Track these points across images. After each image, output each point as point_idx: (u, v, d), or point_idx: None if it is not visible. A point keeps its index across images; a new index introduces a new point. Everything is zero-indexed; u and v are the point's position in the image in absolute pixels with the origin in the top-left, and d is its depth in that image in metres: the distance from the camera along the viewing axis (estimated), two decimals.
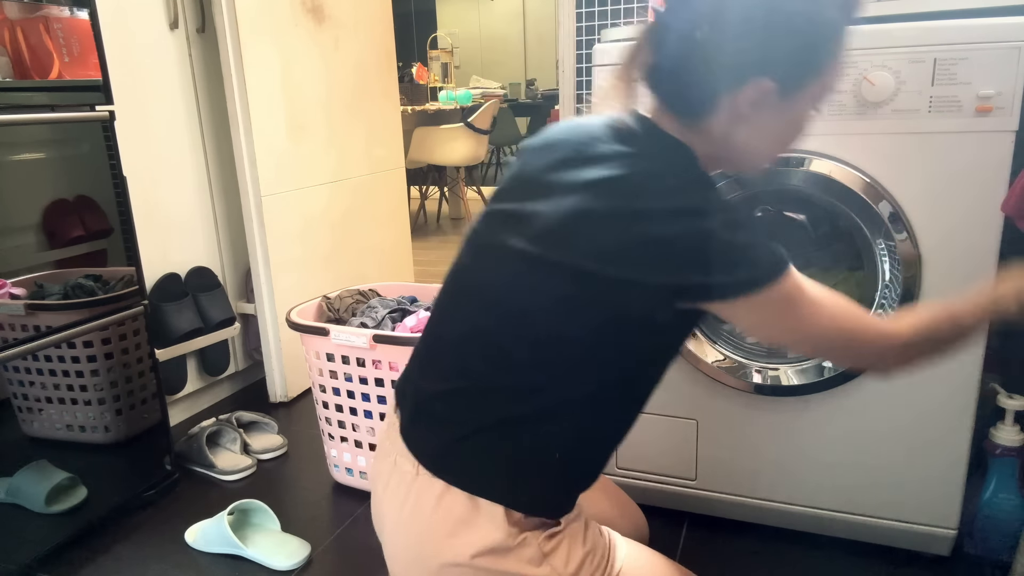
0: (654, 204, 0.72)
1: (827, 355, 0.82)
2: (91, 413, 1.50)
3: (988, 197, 1.09)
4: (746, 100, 0.74)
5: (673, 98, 0.79)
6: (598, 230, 0.73)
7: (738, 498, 1.39)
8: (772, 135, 0.80)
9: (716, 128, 0.77)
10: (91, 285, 1.47)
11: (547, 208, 0.77)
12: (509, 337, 0.79)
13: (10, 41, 1.31)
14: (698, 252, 0.70)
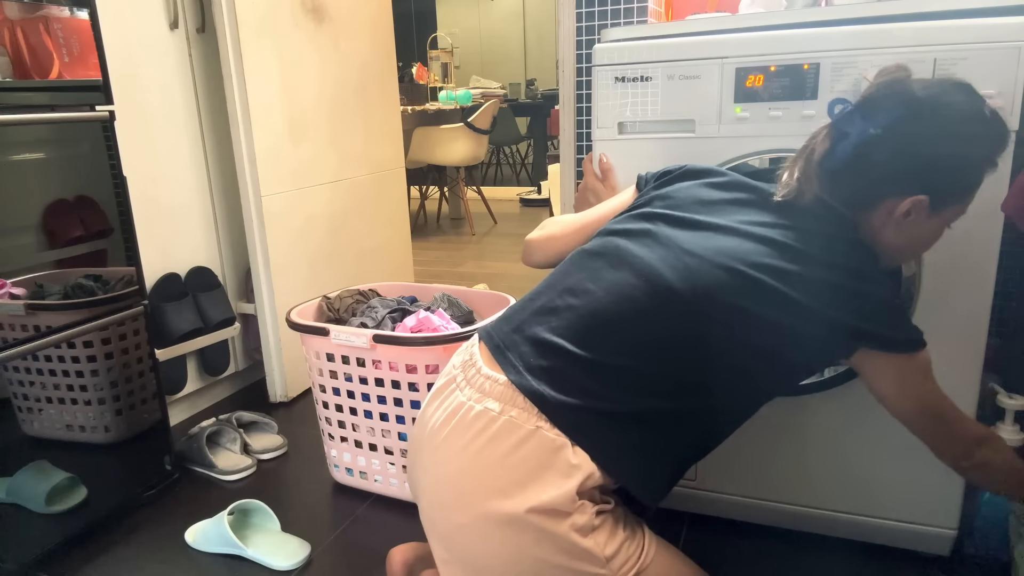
0: (848, 262, 0.88)
1: (931, 432, 0.95)
2: (91, 413, 1.50)
3: (988, 197, 1.09)
4: (903, 209, 0.89)
5: (839, 192, 0.92)
6: (809, 267, 0.87)
7: (738, 498, 1.39)
8: (914, 241, 0.95)
9: (869, 224, 0.92)
10: (91, 285, 1.47)
11: (744, 231, 0.90)
12: (677, 335, 0.88)
13: (10, 41, 1.31)
14: (882, 306, 0.88)
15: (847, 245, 0.90)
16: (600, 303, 0.90)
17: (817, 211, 0.92)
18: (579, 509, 0.84)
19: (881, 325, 0.87)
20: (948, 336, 1.17)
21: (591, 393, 0.86)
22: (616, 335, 0.88)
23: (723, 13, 1.43)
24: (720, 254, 0.88)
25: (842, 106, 0.96)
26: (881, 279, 0.89)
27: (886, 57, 1.09)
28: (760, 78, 1.17)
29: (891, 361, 0.89)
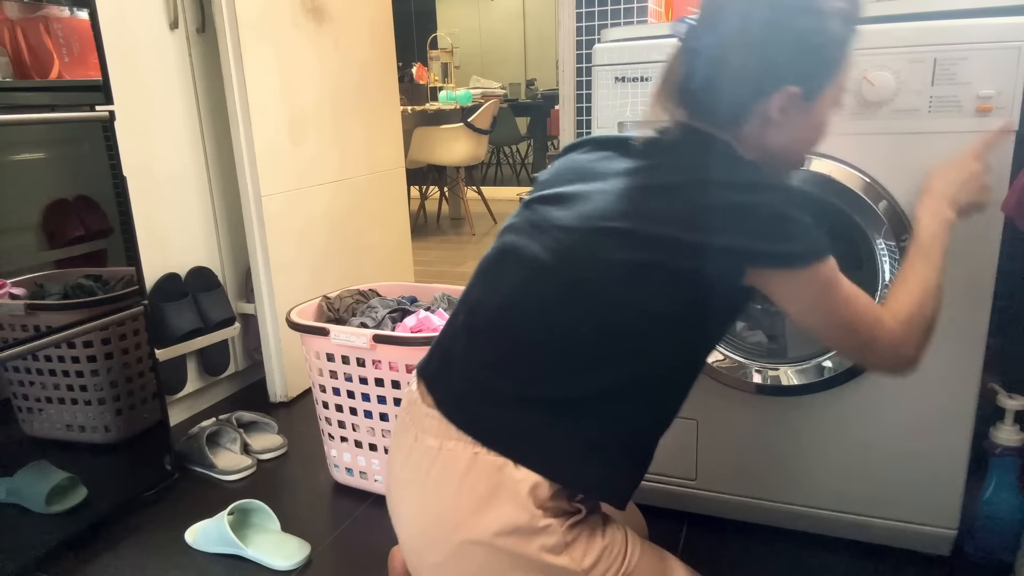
0: (730, 176, 0.81)
1: (851, 345, 0.86)
2: (91, 413, 1.50)
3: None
4: (776, 106, 0.83)
5: (708, 112, 0.87)
6: (672, 199, 0.81)
7: (738, 498, 1.39)
8: (801, 136, 0.89)
9: (750, 135, 0.86)
10: (91, 285, 1.47)
11: (609, 187, 0.85)
12: (576, 311, 0.82)
13: (10, 41, 1.31)
14: (770, 220, 0.79)
15: (720, 163, 0.84)
16: (504, 309, 0.87)
17: (686, 140, 0.88)
18: (547, 529, 0.81)
19: (767, 239, 0.79)
20: (948, 336, 1.17)
21: (518, 402, 0.83)
22: (526, 336, 0.84)
23: None
24: (586, 218, 0.84)
25: (686, 25, 0.89)
26: (768, 186, 0.81)
27: (886, 57, 1.09)
28: None
29: (786, 277, 0.81)
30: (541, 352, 0.83)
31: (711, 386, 1.33)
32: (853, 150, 1.15)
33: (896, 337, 0.86)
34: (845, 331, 0.84)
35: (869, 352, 0.87)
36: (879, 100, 1.11)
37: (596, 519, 0.88)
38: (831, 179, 1.16)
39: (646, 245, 0.80)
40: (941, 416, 1.20)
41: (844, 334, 0.85)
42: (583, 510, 0.86)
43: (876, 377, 1.22)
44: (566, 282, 0.83)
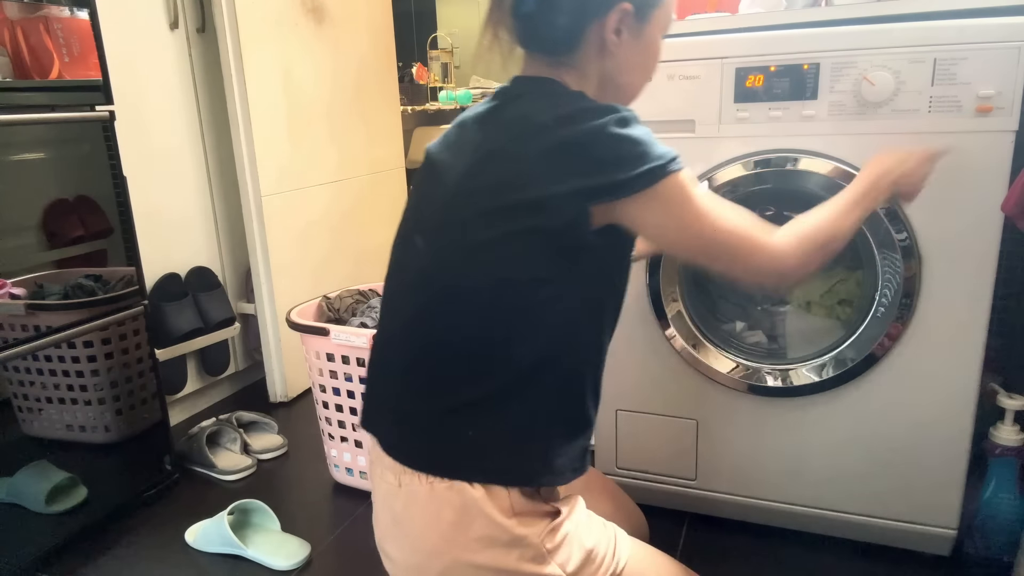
0: (551, 114, 0.76)
1: (725, 262, 0.81)
2: (91, 413, 1.50)
3: (988, 197, 1.09)
4: (610, 27, 0.80)
5: (540, 39, 0.83)
6: (503, 161, 0.77)
7: (738, 498, 1.39)
8: (635, 63, 0.86)
9: (585, 62, 0.83)
10: (91, 285, 1.47)
11: (452, 169, 0.82)
12: (459, 307, 0.80)
13: (10, 41, 1.31)
14: (596, 148, 0.74)
15: (543, 105, 0.79)
16: (401, 321, 0.86)
17: (513, 91, 0.84)
18: (525, 540, 0.79)
19: (600, 170, 0.74)
20: (948, 336, 1.17)
21: (443, 416, 0.81)
22: (421, 348, 0.83)
23: (723, 13, 1.43)
24: (430, 203, 0.83)
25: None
26: (592, 111, 0.75)
27: (886, 57, 1.10)
28: (760, 78, 1.17)
29: (635, 204, 0.75)
30: (441, 359, 0.81)
31: (711, 386, 1.33)
32: (853, 150, 1.15)
33: (782, 253, 0.82)
34: (715, 246, 0.80)
35: (742, 264, 0.81)
36: (879, 100, 1.11)
37: (579, 520, 0.87)
38: (831, 179, 1.16)
39: (496, 219, 0.76)
40: (941, 416, 1.20)
41: (714, 249, 0.80)
42: (560, 510, 0.84)
43: (876, 377, 1.22)
44: (442, 284, 0.81)
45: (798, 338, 1.37)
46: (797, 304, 1.44)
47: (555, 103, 0.79)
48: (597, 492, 1.12)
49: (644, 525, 1.16)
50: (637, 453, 1.45)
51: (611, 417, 1.44)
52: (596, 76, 0.84)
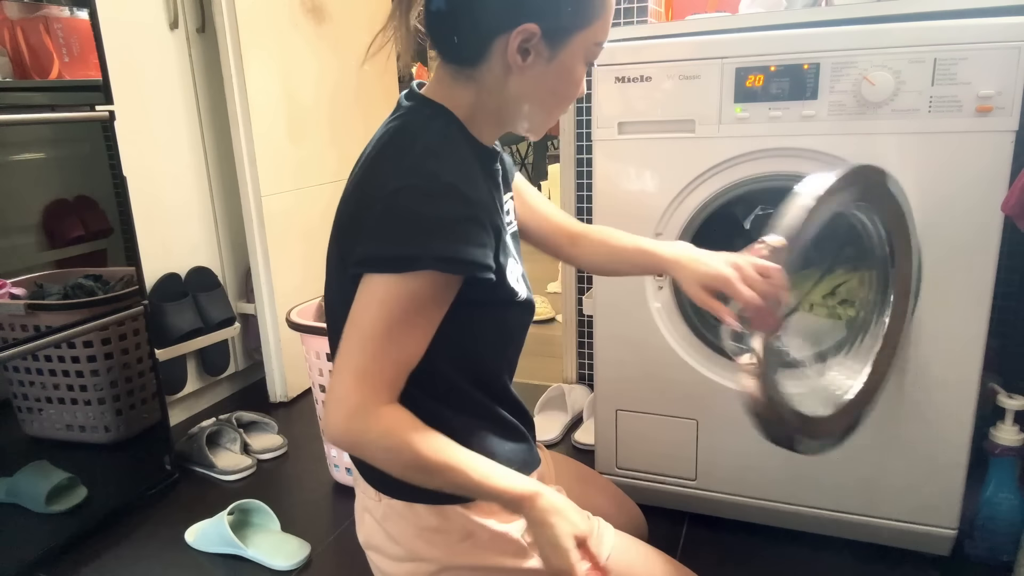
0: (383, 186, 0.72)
1: (337, 366, 0.72)
2: (91, 413, 1.50)
3: (988, 197, 1.09)
4: (514, 46, 0.74)
5: (447, 44, 0.78)
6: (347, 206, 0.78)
7: (738, 498, 1.39)
8: (545, 88, 0.79)
9: (490, 78, 0.77)
10: (91, 285, 1.47)
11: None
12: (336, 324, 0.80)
13: (10, 41, 1.31)
14: (371, 219, 0.71)
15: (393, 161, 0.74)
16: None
17: (396, 119, 0.80)
18: (505, 536, 0.81)
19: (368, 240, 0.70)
20: (948, 336, 1.17)
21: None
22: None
23: (723, 13, 1.43)
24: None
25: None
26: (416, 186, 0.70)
27: (886, 57, 1.09)
28: (760, 78, 1.17)
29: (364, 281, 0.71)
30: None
31: (711, 386, 1.33)
32: (853, 150, 1.15)
33: (352, 407, 0.70)
34: (352, 349, 0.71)
35: (338, 384, 0.71)
36: (879, 100, 1.11)
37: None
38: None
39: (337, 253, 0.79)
40: (941, 416, 1.20)
41: (349, 351, 0.71)
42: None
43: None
44: (329, 298, 0.84)
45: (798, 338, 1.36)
46: (798, 305, 1.44)
47: (398, 160, 0.73)
48: (596, 491, 1.12)
49: (643, 525, 1.16)
50: (637, 453, 1.45)
51: (611, 417, 1.44)
52: (501, 96, 0.78)
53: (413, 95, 0.82)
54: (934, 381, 1.19)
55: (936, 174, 1.11)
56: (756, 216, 1.57)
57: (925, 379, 1.20)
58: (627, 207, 1.31)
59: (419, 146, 0.74)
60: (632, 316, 1.35)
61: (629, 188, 1.30)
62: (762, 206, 1.55)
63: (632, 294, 1.34)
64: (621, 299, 1.36)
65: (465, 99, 0.79)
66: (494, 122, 0.82)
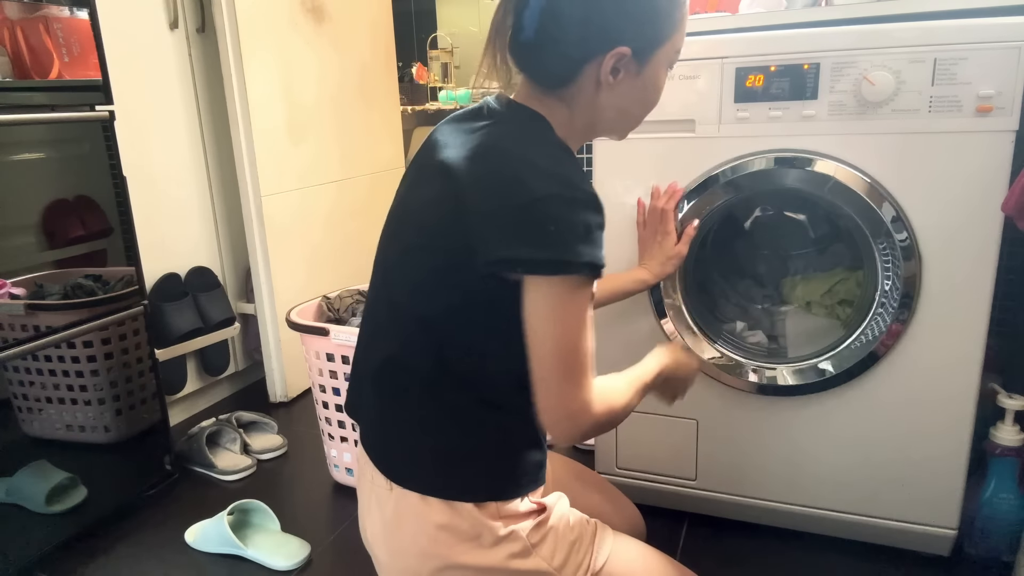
0: (520, 182, 0.74)
1: (553, 380, 0.76)
2: (91, 413, 1.50)
3: (988, 197, 1.09)
4: (607, 68, 0.79)
5: (536, 70, 0.82)
6: (460, 211, 0.76)
7: (738, 498, 1.39)
8: (634, 98, 0.84)
9: (581, 96, 0.82)
10: (91, 285, 1.47)
11: (419, 195, 0.83)
12: (412, 322, 0.81)
13: (10, 41, 1.31)
14: (534, 223, 0.72)
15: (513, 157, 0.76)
16: (370, 335, 0.89)
17: (502, 117, 0.82)
18: (511, 536, 0.82)
19: (525, 243, 0.72)
20: (948, 336, 1.17)
21: (415, 429, 0.84)
22: (379, 359, 0.85)
23: (723, 13, 1.43)
24: (400, 216, 0.85)
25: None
26: (553, 182, 0.73)
27: (886, 57, 1.09)
28: (760, 78, 1.17)
29: (533, 284, 0.73)
30: (402, 372, 0.83)
31: (711, 386, 1.33)
32: (853, 150, 1.15)
33: (588, 404, 0.77)
34: (559, 362, 0.75)
35: (562, 394, 0.76)
36: (879, 100, 1.11)
37: (562, 515, 0.88)
38: (831, 179, 1.16)
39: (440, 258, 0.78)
40: (941, 416, 1.20)
41: (556, 365, 0.75)
42: (545, 507, 0.86)
43: (875, 378, 1.22)
44: (395, 300, 0.84)
45: (799, 338, 1.36)
46: (797, 304, 1.44)
47: (532, 166, 0.74)
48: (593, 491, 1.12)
49: (641, 525, 1.16)
50: (637, 453, 1.45)
51: None
52: (592, 110, 0.83)
53: (508, 103, 0.84)
54: (934, 381, 1.19)
55: (936, 174, 1.11)
56: (756, 216, 1.57)
57: (925, 379, 1.20)
58: (627, 207, 1.31)
59: (547, 151, 0.78)
60: (632, 316, 1.35)
61: (629, 188, 1.30)
62: (761, 207, 1.55)
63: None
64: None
65: (558, 115, 0.82)
66: (581, 135, 0.86)
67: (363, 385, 0.90)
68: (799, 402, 1.28)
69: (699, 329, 1.32)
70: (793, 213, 1.53)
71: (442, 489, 0.81)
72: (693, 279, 1.37)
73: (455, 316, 0.79)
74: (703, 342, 1.32)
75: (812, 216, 1.51)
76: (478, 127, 0.81)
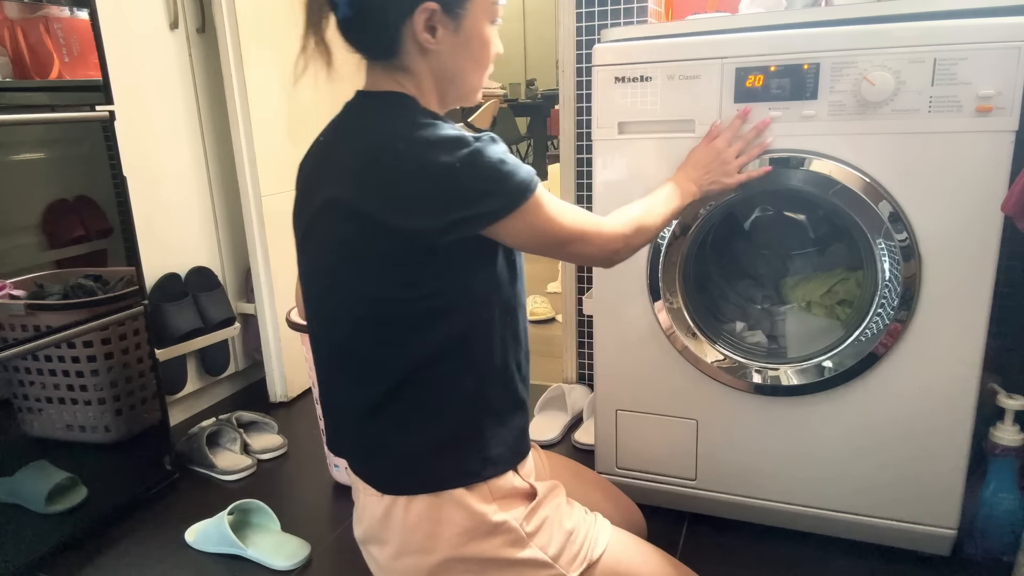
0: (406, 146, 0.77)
1: (574, 250, 0.88)
2: (91, 413, 1.50)
3: (988, 197, 1.09)
4: (420, 27, 0.80)
5: (362, 44, 0.85)
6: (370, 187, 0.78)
7: (738, 498, 1.39)
8: (462, 57, 0.85)
9: (414, 64, 0.83)
10: (91, 285, 1.47)
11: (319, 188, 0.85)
12: (350, 305, 0.83)
13: (10, 41, 1.31)
14: (467, 181, 0.76)
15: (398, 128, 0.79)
16: (314, 329, 0.91)
17: (364, 105, 0.87)
18: (504, 525, 0.82)
19: (479, 200, 0.76)
20: (948, 336, 1.17)
21: (371, 423, 0.84)
22: (333, 350, 0.87)
23: (723, 13, 1.43)
24: (303, 219, 0.89)
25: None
26: (441, 139, 0.76)
27: (886, 57, 1.10)
28: (760, 78, 1.17)
29: (501, 225, 0.79)
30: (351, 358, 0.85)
31: (711, 386, 1.33)
32: (853, 150, 1.15)
33: (613, 237, 0.90)
34: (563, 243, 0.85)
35: (583, 252, 0.88)
36: (879, 100, 1.11)
37: (557, 504, 0.88)
38: (831, 179, 1.16)
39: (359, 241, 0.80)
40: (941, 416, 1.20)
41: (563, 245, 0.86)
42: (536, 490, 0.86)
43: (876, 378, 1.22)
44: (322, 296, 0.87)
45: (799, 338, 1.37)
46: (797, 304, 1.44)
47: (412, 130, 0.78)
48: (594, 491, 1.12)
49: (642, 524, 1.17)
50: (637, 453, 1.45)
51: (611, 417, 1.44)
52: (429, 76, 0.84)
53: (366, 93, 0.87)
54: (934, 381, 1.19)
55: (936, 174, 1.11)
56: (756, 216, 1.57)
57: (925, 379, 1.20)
58: None
59: (412, 121, 0.79)
60: (632, 316, 1.35)
61: (629, 188, 1.30)
62: (761, 207, 1.55)
63: (632, 294, 1.35)
64: (621, 299, 1.36)
65: (408, 87, 0.84)
66: (439, 101, 0.87)
67: (335, 419, 0.91)
68: (799, 402, 1.28)
69: (700, 331, 1.32)
70: (793, 213, 1.53)
71: (429, 484, 0.82)
72: (693, 280, 1.37)
73: (406, 296, 0.80)
74: (704, 344, 1.32)
75: (812, 216, 1.51)
76: (358, 116, 0.86)
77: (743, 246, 1.57)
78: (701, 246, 1.38)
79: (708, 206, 1.24)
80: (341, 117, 0.91)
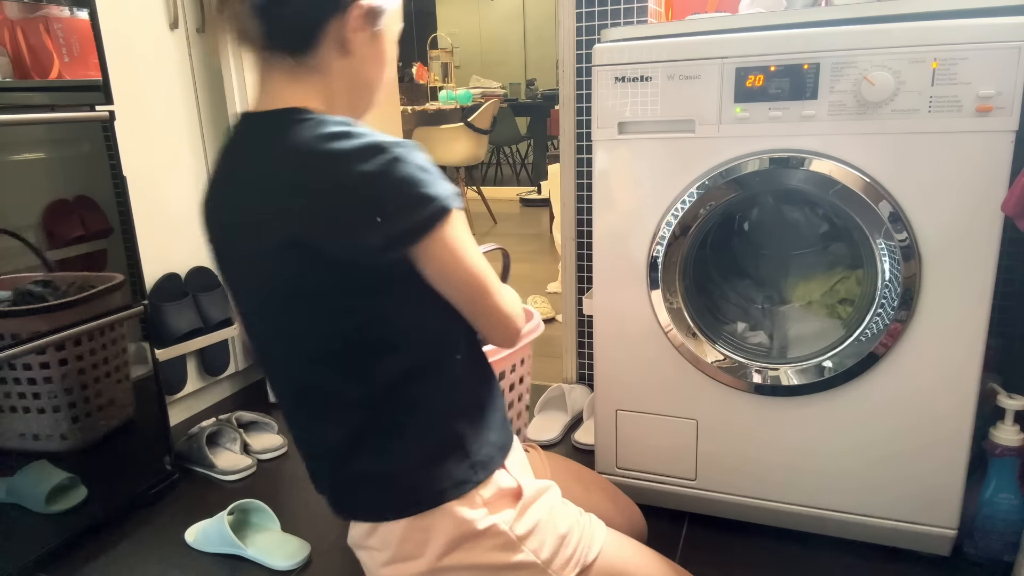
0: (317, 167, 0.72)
1: (486, 309, 0.80)
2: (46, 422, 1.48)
3: (988, 197, 1.09)
4: (351, 25, 0.77)
5: (278, 33, 0.77)
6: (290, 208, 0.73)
7: (738, 498, 1.39)
8: (373, 67, 0.83)
9: (327, 62, 0.79)
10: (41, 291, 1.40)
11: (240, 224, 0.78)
12: (304, 345, 0.79)
13: (10, 41, 1.31)
14: (387, 193, 0.71)
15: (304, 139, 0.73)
16: (270, 373, 0.89)
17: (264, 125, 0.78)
18: (492, 529, 0.80)
19: (399, 217, 0.71)
20: (948, 336, 1.17)
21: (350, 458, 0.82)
22: (296, 391, 0.85)
23: (723, 13, 1.43)
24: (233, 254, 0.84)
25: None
26: (358, 149, 0.71)
27: (886, 57, 1.10)
28: (760, 78, 1.17)
29: (420, 249, 0.74)
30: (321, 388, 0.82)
31: (711, 386, 1.33)
32: (853, 150, 1.15)
33: (515, 315, 0.83)
34: (483, 289, 0.79)
35: (496, 307, 0.81)
36: (879, 100, 1.11)
37: (552, 505, 0.87)
38: (831, 179, 1.16)
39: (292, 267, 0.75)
40: (941, 416, 1.20)
41: (477, 293, 0.79)
42: (522, 488, 0.84)
43: (876, 378, 1.22)
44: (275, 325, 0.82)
45: (799, 338, 1.37)
46: (798, 304, 1.44)
47: (322, 143, 0.72)
48: (594, 492, 1.12)
49: (643, 525, 1.17)
50: (637, 453, 1.45)
51: (611, 417, 1.44)
52: (341, 78, 0.80)
53: (254, 115, 0.79)
54: (934, 381, 1.19)
55: (936, 174, 1.11)
56: (756, 217, 1.57)
57: (925, 379, 1.20)
58: (627, 207, 1.31)
59: (337, 131, 0.74)
60: (632, 316, 1.35)
61: (629, 188, 1.30)
62: (761, 207, 1.55)
63: (632, 294, 1.35)
64: (621, 299, 1.36)
65: (315, 89, 0.79)
66: (346, 108, 0.84)
67: (314, 461, 0.90)
68: (799, 402, 1.28)
69: (700, 330, 1.32)
70: (793, 213, 1.53)
71: (425, 502, 0.80)
72: (693, 280, 1.37)
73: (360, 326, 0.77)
74: (704, 344, 1.32)
75: (812, 216, 1.51)
76: (256, 143, 0.78)
77: (743, 246, 1.57)
78: (701, 246, 1.38)
79: (708, 206, 1.24)
80: (232, 150, 0.81)
